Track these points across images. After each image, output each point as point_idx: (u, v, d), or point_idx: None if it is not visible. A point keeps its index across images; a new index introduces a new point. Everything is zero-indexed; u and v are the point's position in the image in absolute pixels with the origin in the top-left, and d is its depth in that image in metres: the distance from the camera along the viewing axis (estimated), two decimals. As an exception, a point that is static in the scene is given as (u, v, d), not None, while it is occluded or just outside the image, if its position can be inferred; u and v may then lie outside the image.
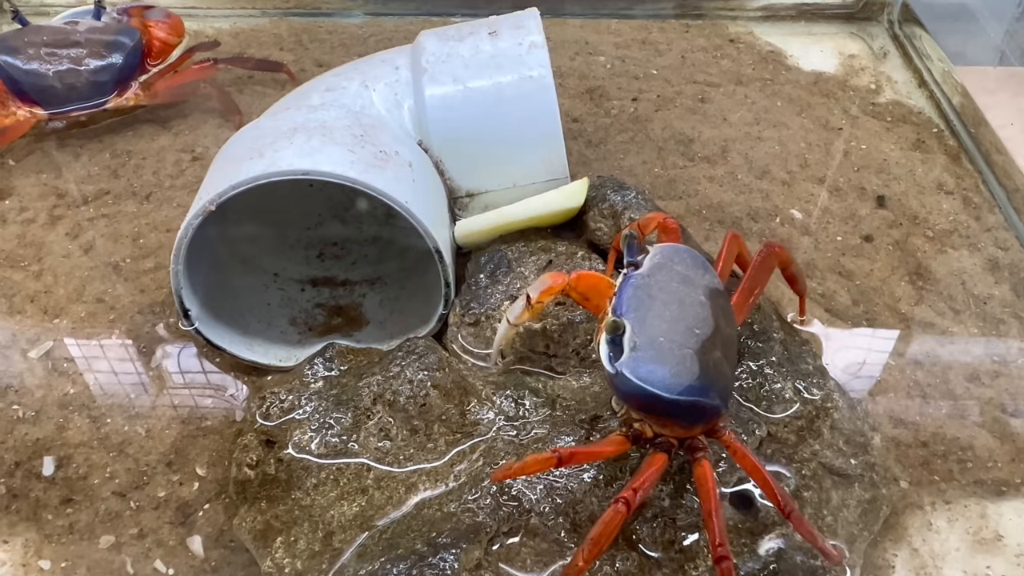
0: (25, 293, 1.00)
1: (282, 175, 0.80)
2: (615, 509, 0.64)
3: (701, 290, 0.72)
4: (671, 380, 0.66)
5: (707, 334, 0.69)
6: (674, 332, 0.68)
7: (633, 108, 1.29)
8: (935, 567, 0.79)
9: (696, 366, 0.67)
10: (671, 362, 0.66)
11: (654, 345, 0.67)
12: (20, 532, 0.80)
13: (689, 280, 0.72)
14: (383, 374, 0.80)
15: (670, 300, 0.70)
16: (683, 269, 0.73)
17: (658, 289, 0.70)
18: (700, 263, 0.74)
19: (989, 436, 0.89)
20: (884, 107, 1.31)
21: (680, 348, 0.67)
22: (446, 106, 0.94)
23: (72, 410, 0.89)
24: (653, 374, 0.66)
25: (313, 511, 0.75)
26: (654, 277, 0.71)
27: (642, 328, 0.68)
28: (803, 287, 0.90)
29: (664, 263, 0.73)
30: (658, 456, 0.69)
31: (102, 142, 1.21)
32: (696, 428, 0.70)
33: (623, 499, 0.65)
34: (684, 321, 0.69)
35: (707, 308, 0.70)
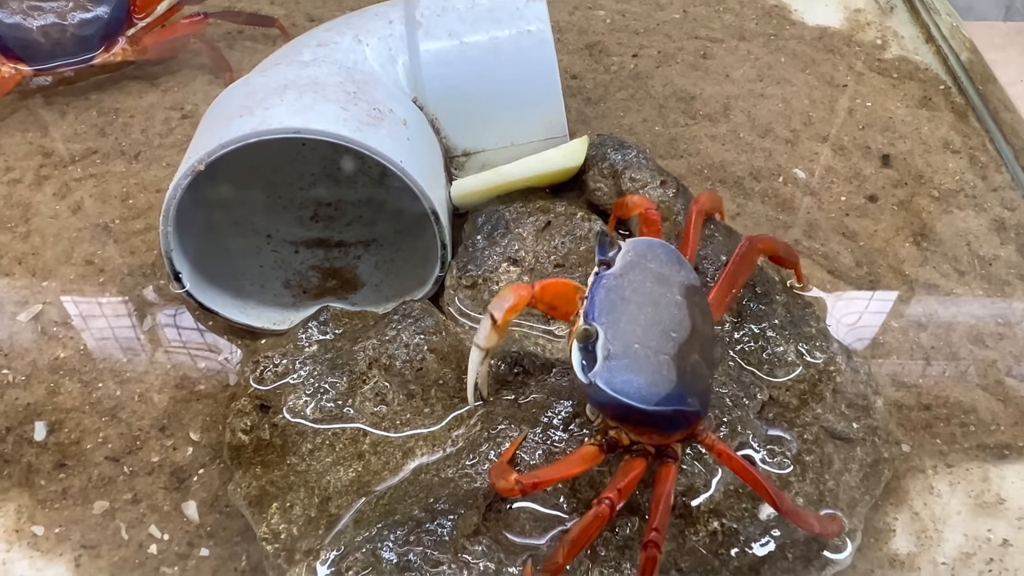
0: (12, 255, 0.98)
1: (272, 133, 0.78)
2: (597, 511, 0.62)
3: (677, 288, 0.68)
4: (647, 391, 0.63)
5: (684, 336, 0.65)
6: (650, 337, 0.64)
7: (633, 64, 1.26)
8: (936, 530, 0.79)
9: (673, 373, 0.64)
10: (647, 371, 0.63)
11: (629, 353, 0.63)
12: (12, 498, 0.79)
13: (664, 278, 0.68)
14: (379, 338, 0.78)
15: (644, 302, 0.66)
16: (657, 267, 0.69)
17: (632, 291, 0.66)
18: (675, 258, 0.71)
19: (992, 399, 0.88)
20: (890, 63, 1.28)
21: (656, 355, 0.64)
22: (441, 61, 0.92)
23: (63, 374, 0.87)
24: (629, 384, 0.63)
25: (309, 477, 0.74)
26: (627, 277, 0.67)
27: (616, 334, 0.64)
28: (795, 260, 0.86)
29: (637, 261, 0.69)
30: (637, 461, 0.67)
31: (88, 100, 1.17)
32: (674, 435, 0.67)
33: (607, 500, 0.62)
34: (660, 324, 0.65)
35: (683, 308, 0.67)
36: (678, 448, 0.69)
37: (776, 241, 0.81)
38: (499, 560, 0.67)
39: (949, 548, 0.78)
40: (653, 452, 0.68)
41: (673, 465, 0.67)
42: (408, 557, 0.66)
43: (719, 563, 0.69)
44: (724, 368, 0.77)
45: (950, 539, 0.78)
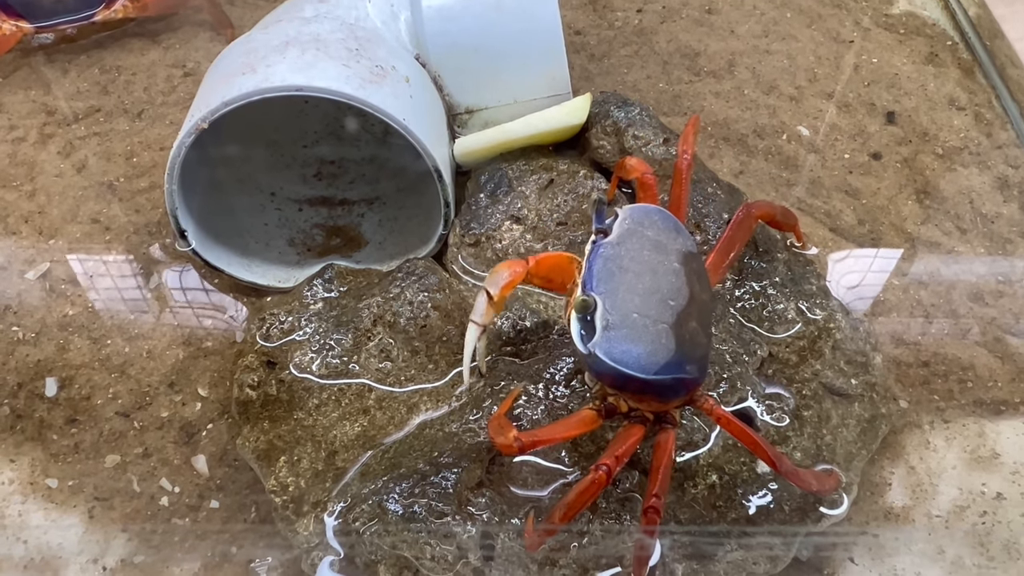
0: (19, 213, 0.99)
1: (275, 91, 0.77)
2: (594, 477, 0.63)
3: (674, 256, 0.68)
4: (647, 360, 0.63)
5: (682, 304, 0.65)
6: (648, 306, 0.64)
7: (638, 20, 1.24)
8: (931, 484, 0.80)
9: (672, 341, 0.64)
10: (646, 340, 0.63)
11: (627, 322, 0.64)
12: (26, 451, 0.81)
13: (661, 246, 0.68)
14: (383, 295, 0.79)
15: (642, 271, 0.66)
16: (654, 234, 0.68)
17: (629, 259, 0.66)
18: (672, 225, 0.70)
19: (990, 356, 0.89)
20: (897, 18, 1.26)
21: (655, 323, 0.64)
22: (444, 17, 0.91)
23: (72, 331, 0.88)
24: (628, 354, 0.63)
25: (315, 431, 0.75)
26: (624, 245, 0.67)
27: (614, 304, 0.64)
28: (793, 223, 0.86)
29: (635, 229, 0.68)
30: (635, 428, 0.67)
31: (90, 57, 1.17)
32: (672, 402, 0.68)
33: (604, 466, 0.63)
34: (658, 293, 0.65)
35: (681, 276, 0.67)
36: (676, 414, 0.70)
37: (773, 206, 0.81)
38: (502, 512, 0.69)
39: (943, 501, 0.79)
40: (651, 419, 0.69)
41: (672, 432, 0.67)
42: (413, 509, 0.68)
43: (717, 515, 0.71)
44: (724, 325, 0.78)
45: (945, 493, 0.80)
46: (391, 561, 0.68)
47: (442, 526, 0.67)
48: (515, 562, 0.68)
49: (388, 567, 0.68)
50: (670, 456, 0.66)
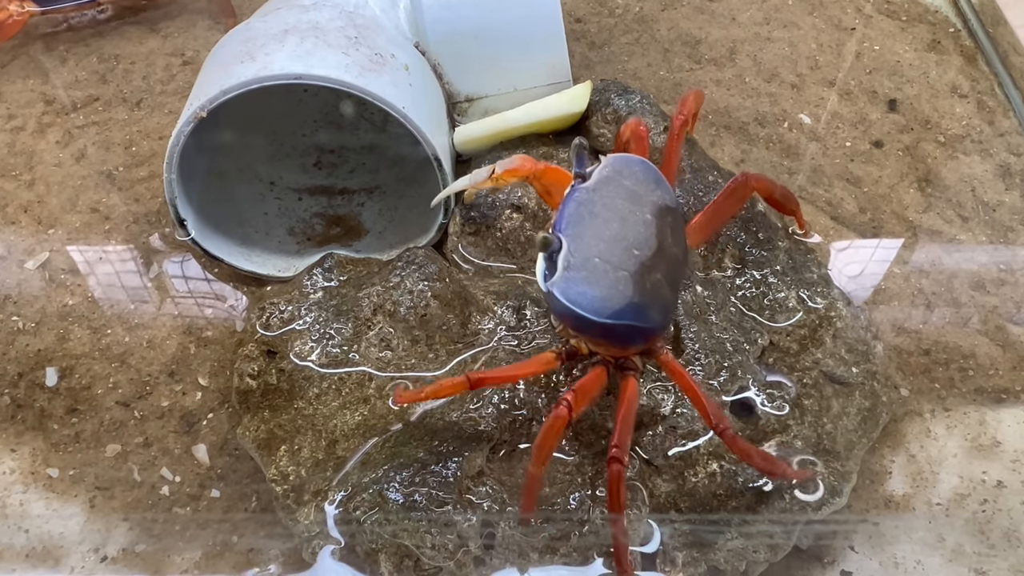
0: (18, 203, 0.98)
1: (274, 79, 0.77)
2: (556, 413, 0.63)
3: (648, 207, 0.68)
4: (600, 304, 0.64)
5: (647, 255, 0.66)
6: (611, 253, 0.65)
7: (638, 8, 1.24)
8: (931, 472, 0.80)
9: (630, 289, 0.65)
10: (603, 285, 0.64)
11: (587, 266, 0.65)
12: (27, 441, 0.81)
13: (636, 196, 0.68)
14: (383, 284, 0.79)
15: (612, 217, 0.66)
16: (632, 184, 0.69)
17: (601, 205, 0.67)
18: (652, 177, 0.70)
19: (991, 344, 0.89)
20: (899, 5, 1.25)
21: (615, 270, 0.65)
22: (443, 5, 0.91)
23: (72, 321, 0.88)
24: (583, 296, 0.64)
25: (316, 420, 0.75)
26: (599, 192, 0.68)
27: (578, 247, 0.65)
28: (793, 206, 0.86)
29: (612, 177, 0.69)
30: (598, 369, 0.68)
31: (88, 46, 1.16)
32: (630, 349, 0.69)
33: (565, 400, 0.64)
34: (624, 241, 0.66)
35: (651, 227, 0.67)
36: (637, 361, 0.70)
37: (773, 183, 0.80)
38: (502, 500, 0.69)
39: (944, 489, 0.79)
40: (612, 363, 0.70)
41: (633, 377, 0.68)
42: (414, 498, 0.68)
43: (717, 503, 0.71)
44: (725, 313, 0.78)
45: (945, 481, 0.80)
46: (392, 550, 0.68)
47: (443, 515, 0.67)
48: (515, 550, 0.68)
49: (389, 556, 0.69)
50: (630, 404, 0.67)
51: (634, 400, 0.67)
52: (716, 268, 0.81)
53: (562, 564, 0.68)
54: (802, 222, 0.89)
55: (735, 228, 0.81)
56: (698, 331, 0.76)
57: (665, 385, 0.74)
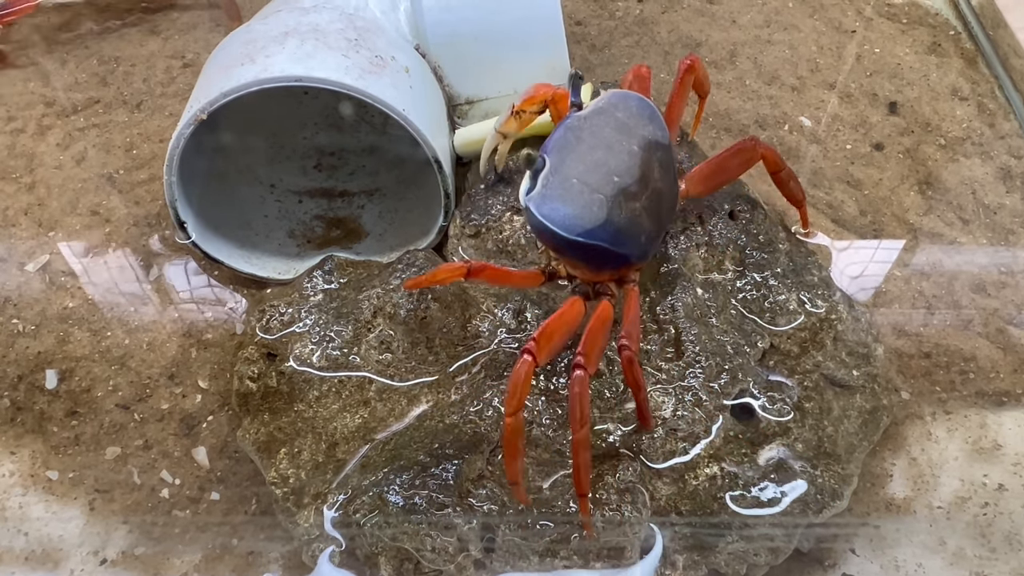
0: (18, 206, 0.98)
1: (274, 82, 0.77)
2: (521, 360, 0.63)
3: (636, 140, 0.70)
4: (570, 221, 0.66)
5: (628, 183, 0.68)
6: (590, 175, 0.67)
7: (639, 10, 1.24)
8: (932, 476, 0.80)
9: (604, 211, 0.67)
10: (576, 204, 0.67)
11: (565, 185, 0.67)
12: (27, 444, 0.81)
13: (626, 128, 0.70)
14: (383, 287, 0.79)
15: (597, 144, 0.69)
16: (624, 116, 0.71)
17: (589, 133, 0.69)
18: (647, 114, 0.72)
19: (992, 347, 0.89)
20: (899, 8, 1.25)
21: (591, 192, 0.67)
22: (443, 7, 0.90)
23: (72, 323, 0.88)
24: (555, 212, 0.66)
25: (316, 423, 0.75)
26: (590, 120, 0.70)
27: (559, 168, 0.68)
28: (801, 196, 0.86)
29: (606, 108, 0.71)
30: (574, 301, 0.70)
31: (88, 49, 1.16)
32: (603, 273, 0.71)
33: (529, 344, 0.64)
34: (605, 167, 0.68)
35: (637, 158, 0.69)
36: (614, 288, 0.72)
37: (782, 161, 0.82)
38: (502, 503, 0.69)
39: (945, 492, 0.79)
40: (591, 290, 0.72)
41: (608, 301, 0.70)
42: (414, 500, 0.67)
43: (718, 506, 0.71)
44: (726, 316, 0.78)
45: (946, 484, 0.80)
46: (392, 553, 0.68)
47: (443, 518, 0.67)
48: (516, 553, 0.68)
49: (389, 559, 0.68)
50: (601, 320, 0.68)
51: (606, 320, 0.68)
52: (716, 271, 0.81)
53: (562, 567, 0.68)
54: (806, 218, 0.89)
55: (736, 231, 0.81)
56: (698, 333, 0.76)
57: (666, 388, 0.74)
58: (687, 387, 0.74)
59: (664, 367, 0.75)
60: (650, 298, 0.78)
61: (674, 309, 0.76)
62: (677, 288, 0.77)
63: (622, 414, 0.74)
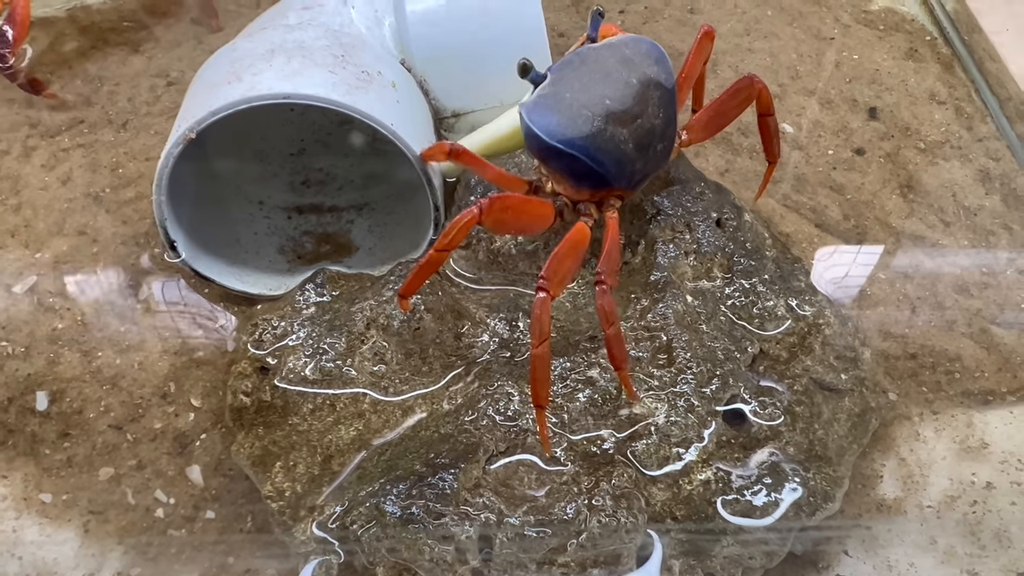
0: (4, 227, 0.98)
1: (263, 99, 0.77)
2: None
3: (636, 74, 0.73)
4: (555, 128, 0.71)
5: (619, 109, 0.72)
6: (583, 94, 0.71)
7: (620, 20, 1.25)
8: (922, 475, 0.81)
9: (588, 126, 0.71)
10: (563, 115, 0.71)
11: (558, 97, 0.71)
12: (19, 467, 0.80)
13: (630, 63, 0.74)
14: (376, 298, 0.79)
15: (597, 70, 0.73)
16: (630, 53, 0.74)
17: (594, 60, 0.73)
18: (655, 56, 0.75)
19: (976, 347, 0.90)
20: (876, 15, 1.28)
21: (581, 108, 0.71)
22: (428, 21, 0.91)
23: (62, 344, 0.88)
24: (543, 118, 0.71)
25: (311, 436, 0.75)
26: (597, 51, 0.74)
27: (557, 82, 0.72)
28: (777, 152, 0.87)
29: (617, 44, 0.75)
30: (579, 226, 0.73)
31: (72, 69, 1.16)
32: (583, 191, 0.75)
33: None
34: (600, 90, 0.72)
35: (633, 89, 0.73)
36: (593, 210, 0.76)
37: (772, 104, 0.85)
38: (499, 511, 0.69)
39: (934, 492, 0.80)
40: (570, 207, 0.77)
41: (584, 223, 0.74)
42: (411, 510, 0.68)
43: (712, 511, 0.71)
44: (715, 323, 0.79)
45: (935, 483, 0.81)
46: (389, 564, 0.68)
47: (440, 527, 0.67)
48: (514, 562, 0.68)
49: (387, 570, 0.68)
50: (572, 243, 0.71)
51: (577, 243, 0.72)
52: (705, 278, 0.82)
53: (560, 575, 0.69)
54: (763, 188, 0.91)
55: (723, 238, 0.82)
56: (689, 340, 0.76)
57: (658, 394, 0.75)
58: (679, 393, 0.75)
59: (656, 373, 0.76)
60: (641, 306, 0.78)
61: (664, 317, 0.77)
62: (667, 296, 0.78)
63: (616, 421, 0.74)
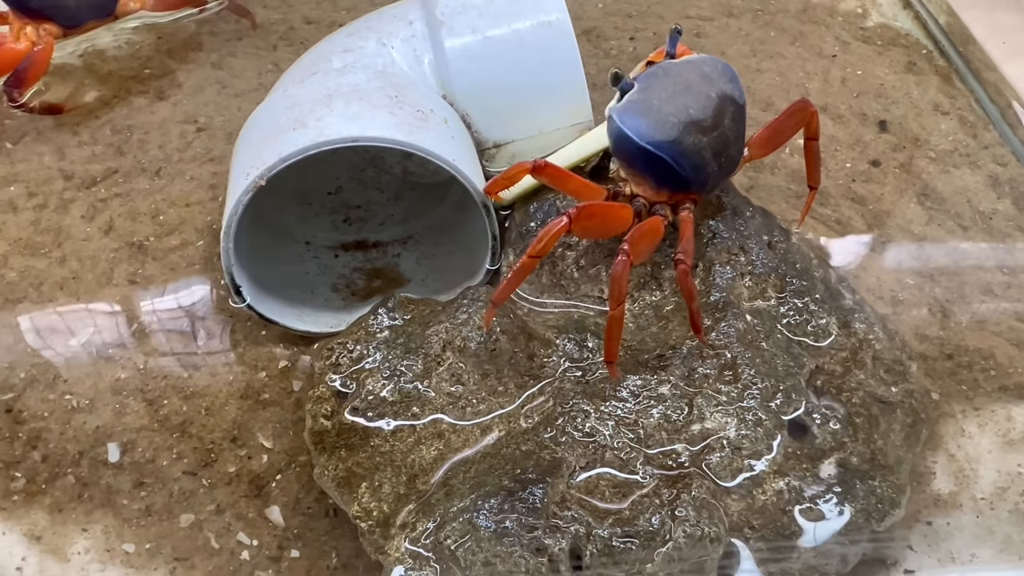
0: (52, 281, 0.98)
1: (333, 144, 0.79)
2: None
3: (715, 90, 0.79)
4: (645, 131, 0.77)
5: (699, 118, 0.78)
6: (668, 103, 0.78)
7: (632, 47, 1.29)
8: (972, 470, 0.85)
9: (674, 132, 0.77)
10: (653, 119, 0.78)
11: (646, 104, 0.78)
12: (97, 519, 0.80)
13: (709, 78, 0.80)
14: (450, 321, 0.81)
15: (680, 82, 0.79)
16: (709, 70, 0.81)
17: (676, 73, 0.80)
18: (729, 75, 0.81)
19: (1007, 343, 0.95)
20: (872, 31, 1.33)
21: (667, 115, 0.78)
22: (468, 57, 0.94)
23: (126, 395, 0.88)
24: (634, 121, 0.78)
25: (394, 456, 0.77)
26: (678, 66, 0.81)
27: (645, 91, 0.79)
28: (819, 178, 0.94)
29: (695, 61, 0.82)
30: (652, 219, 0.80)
31: (99, 118, 1.17)
32: (663, 192, 0.82)
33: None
34: (682, 99, 0.78)
35: (712, 102, 0.79)
36: (668, 212, 0.82)
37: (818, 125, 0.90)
38: (587, 524, 0.71)
39: (985, 484, 0.84)
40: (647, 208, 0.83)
41: (660, 217, 0.81)
42: (505, 524, 0.70)
43: (787, 519, 0.74)
44: (774, 340, 0.82)
45: (985, 476, 0.84)
46: (485, 578, 0.70)
47: (533, 540, 0.69)
48: (604, 574, 0.70)
49: (481, 585, 0.70)
50: (650, 226, 0.79)
51: (655, 228, 0.79)
52: (760, 298, 0.85)
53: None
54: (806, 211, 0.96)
55: (775, 259, 0.86)
56: (752, 357, 0.79)
57: (727, 409, 0.77)
58: (747, 408, 0.78)
59: (724, 390, 0.78)
60: (704, 326, 0.81)
61: (728, 335, 0.80)
62: (728, 315, 0.81)
63: (689, 435, 0.77)
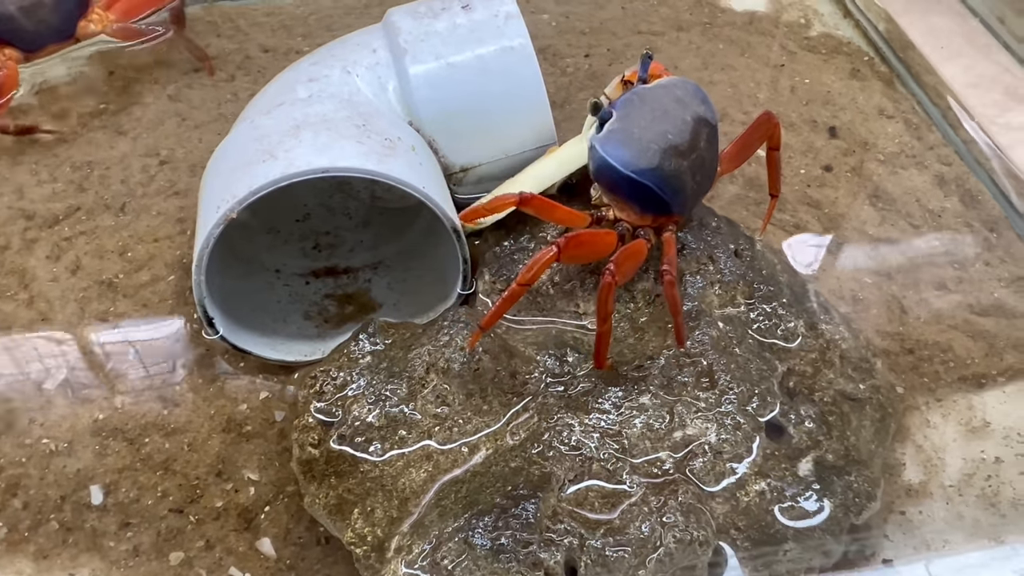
0: (21, 323, 0.96)
1: (303, 175, 0.80)
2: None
3: (689, 113, 0.83)
4: (629, 160, 0.80)
5: (677, 142, 0.81)
6: (648, 130, 0.81)
7: (587, 64, 1.32)
8: (939, 458, 0.88)
9: (655, 159, 0.80)
10: (635, 148, 0.80)
11: (627, 133, 0.81)
12: (84, 563, 0.79)
13: (682, 102, 0.83)
14: (432, 344, 0.82)
15: (657, 108, 0.82)
16: (682, 94, 0.84)
17: (651, 99, 0.83)
18: (701, 98, 0.85)
19: (963, 336, 0.99)
20: (816, 40, 1.38)
21: (648, 142, 0.80)
22: (432, 84, 0.95)
23: (106, 435, 0.87)
24: (617, 151, 0.81)
25: (384, 480, 0.77)
26: (653, 91, 0.83)
27: (623, 119, 0.82)
28: (779, 188, 0.98)
29: (667, 85, 0.84)
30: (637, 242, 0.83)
31: (58, 156, 1.15)
32: (647, 216, 0.85)
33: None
34: (661, 125, 0.81)
35: (688, 126, 0.82)
36: (651, 235, 0.85)
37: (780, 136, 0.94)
38: (580, 535, 0.72)
39: (952, 472, 0.87)
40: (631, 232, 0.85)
41: (644, 241, 0.83)
42: (500, 541, 0.71)
43: (771, 518, 0.77)
44: (746, 345, 0.85)
45: (951, 464, 0.88)
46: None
47: (529, 555, 0.71)
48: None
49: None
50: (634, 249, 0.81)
51: (638, 251, 0.82)
52: (730, 305, 0.88)
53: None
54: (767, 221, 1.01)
55: (742, 267, 0.88)
56: (727, 363, 0.82)
57: (706, 415, 0.80)
58: (725, 412, 0.80)
59: (702, 396, 0.81)
60: (680, 334, 0.84)
61: (703, 343, 0.83)
62: (702, 323, 0.84)
63: (671, 443, 0.79)
